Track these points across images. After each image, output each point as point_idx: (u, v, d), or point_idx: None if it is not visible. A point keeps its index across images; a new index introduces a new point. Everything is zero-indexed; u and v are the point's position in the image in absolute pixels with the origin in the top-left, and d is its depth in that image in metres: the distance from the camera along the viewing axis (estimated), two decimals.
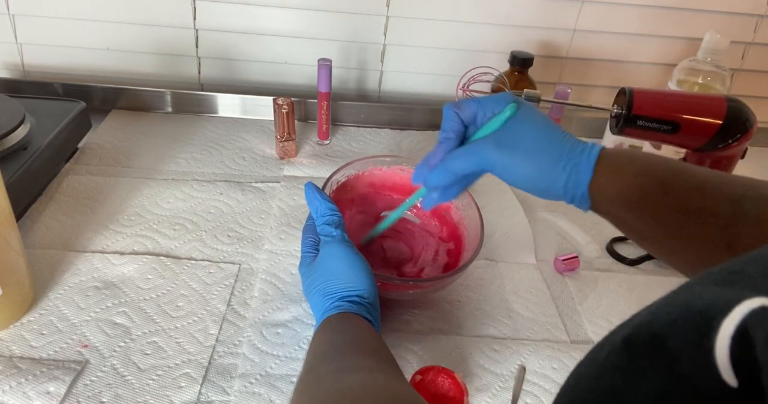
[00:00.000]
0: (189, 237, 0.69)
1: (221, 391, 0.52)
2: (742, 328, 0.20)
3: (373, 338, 0.45)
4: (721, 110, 0.59)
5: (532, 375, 0.57)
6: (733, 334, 0.20)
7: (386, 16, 0.96)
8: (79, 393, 0.50)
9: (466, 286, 0.66)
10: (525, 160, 0.46)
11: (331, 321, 0.47)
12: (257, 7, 0.94)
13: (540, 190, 0.47)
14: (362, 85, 1.04)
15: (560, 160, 0.45)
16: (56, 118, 0.77)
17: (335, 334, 0.45)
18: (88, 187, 0.76)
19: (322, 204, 0.54)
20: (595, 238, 0.76)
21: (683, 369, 0.21)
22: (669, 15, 0.98)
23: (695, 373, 0.21)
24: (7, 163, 0.67)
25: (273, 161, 0.86)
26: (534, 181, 0.46)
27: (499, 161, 0.47)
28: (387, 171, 0.69)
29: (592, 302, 0.67)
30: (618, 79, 1.05)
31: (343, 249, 0.51)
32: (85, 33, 0.96)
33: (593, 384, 0.25)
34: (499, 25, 0.98)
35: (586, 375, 0.26)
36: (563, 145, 0.46)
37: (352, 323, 0.46)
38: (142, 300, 0.60)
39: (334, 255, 0.51)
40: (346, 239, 0.52)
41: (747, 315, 0.20)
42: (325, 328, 0.47)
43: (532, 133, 0.47)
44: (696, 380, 0.21)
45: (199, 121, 0.96)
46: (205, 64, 1.00)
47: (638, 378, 0.23)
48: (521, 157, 0.46)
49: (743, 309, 0.20)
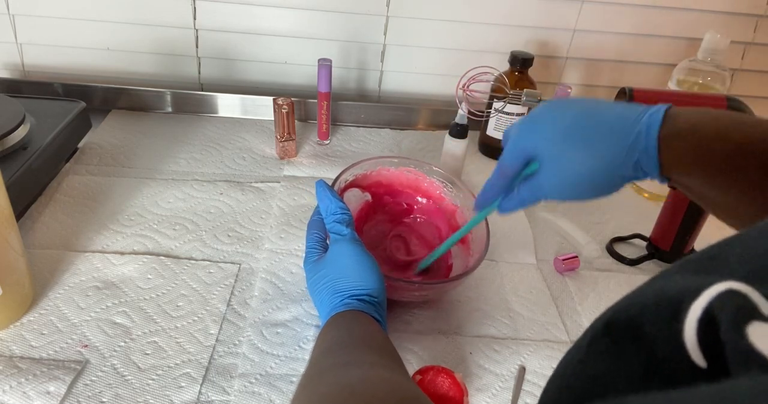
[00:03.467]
0: (189, 237, 0.69)
1: (221, 391, 0.52)
2: (709, 311, 0.20)
3: (379, 336, 0.45)
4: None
5: (532, 375, 0.57)
6: (700, 317, 0.20)
7: (386, 16, 0.96)
8: (79, 393, 0.50)
9: (466, 286, 0.66)
10: (582, 154, 0.43)
11: (339, 318, 0.47)
12: (257, 7, 0.94)
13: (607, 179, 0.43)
14: (362, 85, 1.04)
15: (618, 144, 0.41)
16: (56, 118, 0.77)
17: (342, 331, 0.45)
18: (88, 187, 0.76)
19: (333, 203, 0.54)
20: (595, 238, 0.76)
21: (659, 352, 0.22)
22: (669, 15, 0.98)
23: (669, 356, 0.21)
24: (7, 163, 0.67)
25: (273, 161, 0.86)
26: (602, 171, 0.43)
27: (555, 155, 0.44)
28: (394, 171, 0.69)
29: (592, 302, 0.67)
30: (618, 79, 1.05)
31: (354, 247, 0.51)
32: (85, 33, 0.96)
33: (579, 369, 0.25)
34: (499, 25, 0.98)
35: (572, 362, 0.26)
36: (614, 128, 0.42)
37: (360, 321, 0.46)
38: (142, 300, 0.60)
39: (345, 254, 0.51)
40: (356, 238, 0.52)
41: (714, 298, 0.20)
42: (332, 325, 0.47)
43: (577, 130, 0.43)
44: (671, 362, 0.21)
45: (199, 121, 0.96)
46: (205, 64, 1.00)
47: (620, 361, 0.23)
48: (576, 153, 0.43)
49: (711, 293, 0.21)
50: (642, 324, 0.23)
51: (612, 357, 0.24)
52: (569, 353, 0.27)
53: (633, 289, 0.25)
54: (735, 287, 0.20)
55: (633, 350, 0.23)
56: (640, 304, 0.24)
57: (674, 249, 0.72)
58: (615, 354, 0.24)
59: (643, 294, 0.24)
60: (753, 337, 0.18)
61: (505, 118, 0.90)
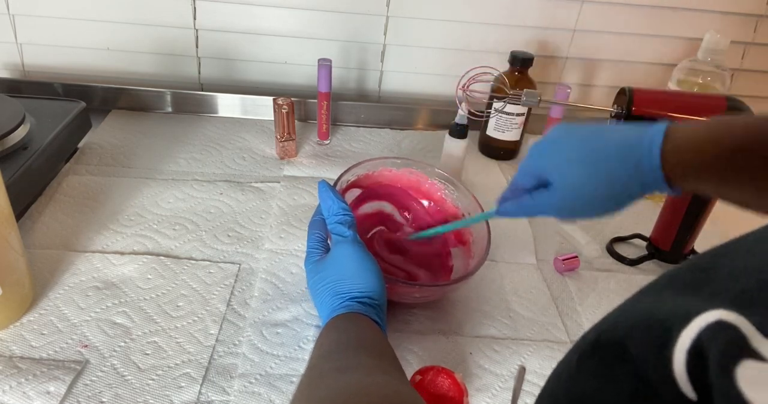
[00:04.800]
0: (189, 237, 0.69)
1: (221, 391, 0.52)
2: (698, 343, 0.20)
3: (379, 339, 0.45)
4: (721, 110, 0.59)
5: (532, 375, 0.57)
6: (689, 348, 0.20)
7: (386, 16, 0.96)
8: (79, 393, 0.50)
9: (466, 286, 0.66)
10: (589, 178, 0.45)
11: (339, 320, 0.47)
12: (257, 7, 0.94)
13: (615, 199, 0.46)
14: (362, 85, 1.04)
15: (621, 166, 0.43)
16: (56, 118, 0.77)
17: (341, 333, 0.45)
18: (88, 187, 0.76)
19: (335, 204, 0.54)
20: (595, 238, 0.76)
21: (648, 378, 0.21)
22: (669, 15, 0.98)
23: (658, 382, 0.21)
24: (7, 163, 0.67)
25: (273, 161, 0.86)
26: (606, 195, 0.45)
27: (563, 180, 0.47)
28: (396, 173, 0.69)
29: (592, 302, 0.67)
30: (618, 79, 1.05)
31: (356, 249, 0.51)
32: (85, 33, 0.96)
33: (569, 386, 0.25)
34: (499, 25, 0.98)
35: (562, 378, 0.26)
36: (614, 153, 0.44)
37: (360, 323, 0.46)
38: (142, 300, 0.60)
39: (347, 256, 0.51)
40: (358, 240, 0.52)
41: (703, 330, 0.20)
42: (331, 327, 0.47)
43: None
44: (660, 389, 0.21)
45: (199, 121, 0.96)
46: (205, 64, 1.00)
47: (609, 382, 0.23)
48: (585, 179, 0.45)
49: (700, 323, 0.20)
50: (627, 347, 0.22)
51: (601, 377, 0.24)
52: (558, 369, 0.27)
53: (619, 305, 0.25)
54: (725, 317, 0.20)
55: (622, 371, 0.23)
56: (628, 326, 0.23)
57: (674, 249, 0.72)
58: (604, 375, 0.23)
59: (630, 314, 0.24)
60: (742, 382, 0.18)
61: (505, 118, 0.90)
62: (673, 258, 0.73)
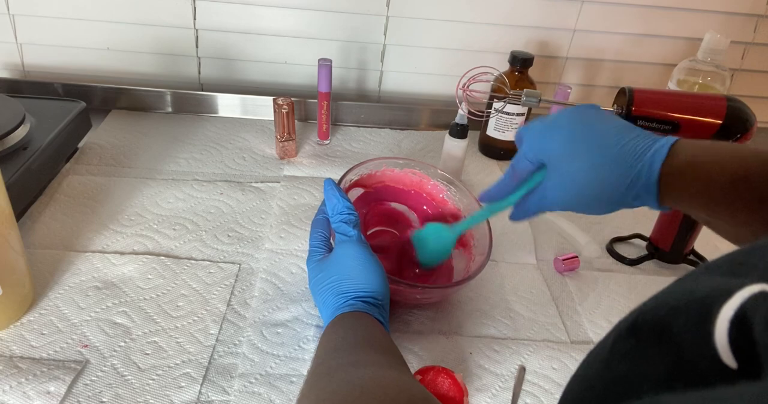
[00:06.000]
0: (189, 237, 0.69)
1: (221, 391, 0.52)
2: (741, 312, 0.20)
3: (384, 338, 0.45)
4: (721, 110, 0.59)
5: (532, 375, 0.57)
6: (732, 318, 0.20)
7: (386, 16, 0.96)
8: (79, 392, 0.50)
9: (467, 287, 0.66)
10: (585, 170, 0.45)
11: (343, 318, 0.47)
12: (257, 7, 0.94)
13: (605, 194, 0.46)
14: (362, 85, 1.04)
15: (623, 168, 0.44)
16: (56, 118, 0.77)
17: (347, 331, 0.45)
18: (88, 187, 0.76)
19: (340, 202, 0.54)
20: (595, 238, 0.76)
21: (687, 354, 0.22)
22: (669, 15, 0.98)
23: (697, 357, 0.21)
24: (7, 163, 0.67)
25: (273, 161, 0.86)
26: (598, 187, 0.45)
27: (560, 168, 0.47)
28: (398, 173, 0.69)
29: (592, 302, 0.67)
30: (618, 79, 1.05)
31: (360, 249, 0.51)
32: (85, 33, 0.96)
33: (602, 371, 0.25)
34: (499, 25, 0.98)
35: (595, 363, 0.26)
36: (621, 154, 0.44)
37: (364, 322, 0.46)
38: (142, 300, 0.60)
39: (351, 255, 0.51)
40: (362, 239, 0.52)
41: (746, 300, 0.20)
42: (336, 325, 0.47)
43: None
44: (698, 363, 0.21)
45: (199, 121, 0.96)
46: (205, 64, 1.00)
47: (644, 363, 0.23)
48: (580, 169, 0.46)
49: (743, 294, 0.21)
50: (670, 326, 0.23)
51: (636, 358, 0.24)
52: (591, 354, 0.27)
53: (660, 291, 0.25)
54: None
55: (658, 352, 0.23)
56: (669, 306, 0.23)
57: (674, 249, 0.72)
58: (639, 356, 0.23)
59: (671, 295, 0.24)
60: None
61: (505, 118, 0.90)
62: (673, 258, 0.73)
